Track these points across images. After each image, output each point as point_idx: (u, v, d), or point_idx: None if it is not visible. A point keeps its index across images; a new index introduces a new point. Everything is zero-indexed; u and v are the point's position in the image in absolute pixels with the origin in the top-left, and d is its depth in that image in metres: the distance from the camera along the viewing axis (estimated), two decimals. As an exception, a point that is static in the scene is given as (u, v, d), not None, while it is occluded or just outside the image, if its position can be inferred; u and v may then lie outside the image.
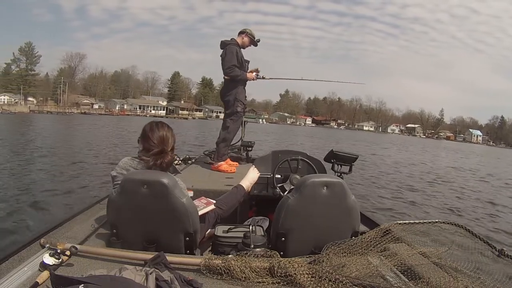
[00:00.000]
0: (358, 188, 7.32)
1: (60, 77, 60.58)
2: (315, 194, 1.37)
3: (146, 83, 76.75)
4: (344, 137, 36.43)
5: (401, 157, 17.98)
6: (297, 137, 27.60)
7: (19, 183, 5.63)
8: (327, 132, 51.23)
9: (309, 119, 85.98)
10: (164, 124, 1.50)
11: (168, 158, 1.41)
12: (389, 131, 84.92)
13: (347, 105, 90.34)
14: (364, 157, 13.52)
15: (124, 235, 1.36)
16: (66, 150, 10.69)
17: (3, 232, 3.50)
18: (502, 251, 1.32)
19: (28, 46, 57.72)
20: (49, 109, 52.19)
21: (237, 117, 3.17)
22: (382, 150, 21.23)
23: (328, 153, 2.33)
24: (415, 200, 6.85)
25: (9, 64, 57.70)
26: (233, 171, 3.06)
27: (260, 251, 1.30)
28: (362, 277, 1.08)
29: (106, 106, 62.15)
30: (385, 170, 11.17)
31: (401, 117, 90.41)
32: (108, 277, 0.93)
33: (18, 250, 1.21)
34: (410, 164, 14.35)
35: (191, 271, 1.15)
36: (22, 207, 4.41)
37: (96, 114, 52.80)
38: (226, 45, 3.11)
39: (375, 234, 1.41)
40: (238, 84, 3.16)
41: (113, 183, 1.47)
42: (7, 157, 8.22)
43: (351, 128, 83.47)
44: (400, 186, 8.28)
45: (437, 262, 1.22)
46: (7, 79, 55.67)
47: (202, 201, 1.66)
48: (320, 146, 18.46)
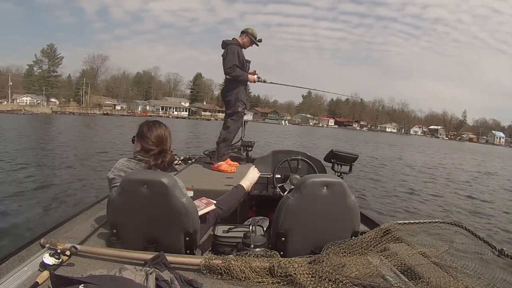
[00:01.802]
0: (373, 193, 7.17)
1: (82, 79, 61.29)
2: (315, 194, 1.37)
3: (168, 85, 77.31)
4: (368, 139, 35.26)
5: (426, 160, 17.39)
6: (320, 141, 25.90)
7: (20, 183, 5.63)
8: (350, 134, 50.03)
9: (332, 121, 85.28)
10: (161, 123, 1.49)
11: (169, 157, 1.41)
12: (412, 133, 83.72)
13: (370, 106, 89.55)
14: (392, 160, 13.13)
15: (124, 235, 1.36)
16: (80, 149, 10.75)
17: (3, 232, 3.50)
18: (502, 251, 1.32)
19: (50, 48, 58.58)
20: (71, 110, 52.95)
21: (238, 117, 3.18)
22: (409, 154, 20.38)
23: (328, 153, 2.33)
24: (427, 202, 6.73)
25: (32, 66, 58.83)
26: (233, 171, 3.06)
27: (260, 251, 1.30)
28: (362, 277, 1.08)
29: (128, 107, 63.00)
30: (414, 175, 10.73)
31: (423, 118, 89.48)
32: (108, 277, 0.93)
33: (18, 250, 1.21)
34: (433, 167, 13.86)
35: (191, 271, 1.15)
36: (22, 207, 4.41)
37: (118, 115, 52.97)
38: (228, 45, 3.11)
39: (375, 234, 1.41)
40: (239, 84, 3.17)
41: (110, 185, 1.46)
42: (12, 156, 8.21)
43: (373, 130, 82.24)
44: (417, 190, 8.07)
45: (437, 262, 1.22)
46: (30, 80, 56.64)
47: (202, 201, 1.66)
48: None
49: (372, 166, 11.80)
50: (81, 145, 12.15)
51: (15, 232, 3.52)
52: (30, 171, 6.72)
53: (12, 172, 6.51)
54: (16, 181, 5.77)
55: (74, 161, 8.41)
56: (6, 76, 55.46)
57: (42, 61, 58.14)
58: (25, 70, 59.56)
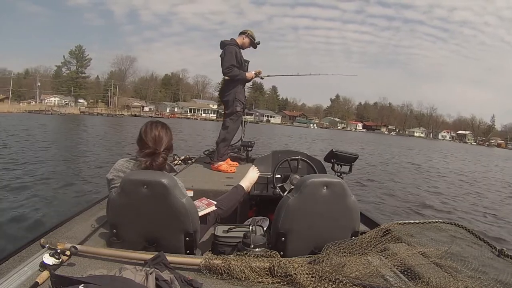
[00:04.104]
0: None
1: (111, 80, 61.77)
2: (315, 194, 1.37)
3: (196, 87, 77.67)
4: (403, 145, 33.31)
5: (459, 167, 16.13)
6: (355, 146, 23.88)
7: (20, 183, 5.63)
8: (379, 138, 48.59)
9: (360, 125, 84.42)
10: (159, 123, 1.47)
11: (160, 160, 1.37)
12: (440, 138, 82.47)
13: (398, 110, 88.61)
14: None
15: (124, 235, 1.36)
16: (96, 148, 10.71)
17: (3, 232, 3.49)
18: (502, 251, 1.32)
19: (78, 49, 59.18)
20: (99, 110, 53.08)
21: (236, 116, 3.18)
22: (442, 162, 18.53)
23: (328, 153, 2.33)
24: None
25: (60, 67, 59.65)
26: (233, 171, 3.06)
27: (260, 251, 1.30)
28: (362, 277, 1.08)
29: (156, 109, 63.29)
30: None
31: (451, 123, 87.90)
32: (108, 277, 0.93)
33: (18, 250, 1.21)
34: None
35: (191, 271, 1.15)
36: (22, 207, 4.41)
37: (147, 116, 52.49)
38: (225, 45, 3.12)
39: (375, 234, 1.41)
40: (238, 84, 3.18)
41: (109, 186, 1.46)
42: (15, 156, 8.19)
43: (401, 134, 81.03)
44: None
45: (437, 262, 1.22)
46: (58, 81, 57.48)
47: (203, 202, 1.66)
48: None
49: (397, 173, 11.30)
50: (99, 145, 12.10)
51: (15, 232, 3.51)
52: (31, 171, 6.71)
53: (12, 172, 6.51)
54: (17, 181, 5.76)
55: (88, 160, 8.38)
56: (34, 76, 56.51)
57: (70, 62, 59.29)
58: (54, 71, 60.95)
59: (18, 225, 3.75)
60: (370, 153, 18.03)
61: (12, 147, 9.61)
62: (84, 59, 59.46)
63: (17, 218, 3.97)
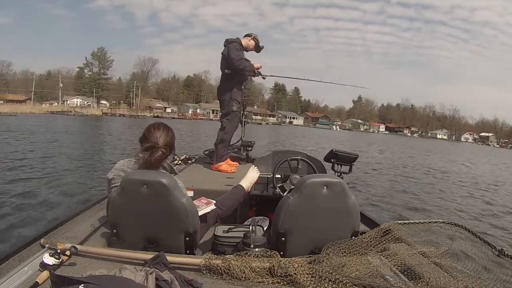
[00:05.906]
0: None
1: (133, 81, 62.08)
2: (315, 194, 1.37)
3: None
4: (433, 148, 32.23)
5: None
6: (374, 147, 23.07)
7: (21, 183, 5.63)
8: (402, 140, 47.50)
9: (383, 126, 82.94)
10: (162, 124, 1.48)
11: (158, 153, 1.37)
12: (463, 140, 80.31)
13: (420, 112, 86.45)
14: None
15: (124, 235, 1.36)
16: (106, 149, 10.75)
17: (3, 232, 3.49)
18: (502, 251, 1.32)
19: (100, 51, 59.60)
20: (121, 112, 53.28)
21: (232, 116, 3.14)
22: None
23: (328, 153, 2.33)
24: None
25: (82, 68, 59.88)
26: (233, 171, 3.06)
27: (260, 251, 1.30)
28: (362, 277, 1.08)
29: (179, 110, 63.41)
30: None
31: (474, 125, 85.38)
32: (108, 277, 0.93)
33: (18, 250, 1.21)
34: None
35: (191, 271, 1.15)
36: (22, 206, 4.41)
37: (169, 117, 52.33)
38: (229, 43, 3.09)
39: (375, 234, 1.41)
40: (234, 83, 3.14)
41: (109, 185, 1.46)
42: (19, 156, 8.18)
43: (424, 136, 79.01)
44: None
45: (437, 262, 1.22)
46: (80, 82, 57.87)
47: (202, 201, 1.66)
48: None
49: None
50: (113, 145, 12.13)
51: (15, 232, 3.52)
52: (35, 170, 6.71)
53: (13, 171, 6.51)
54: (17, 181, 5.76)
55: (95, 162, 8.39)
56: (56, 78, 57.19)
57: (93, 63, 59.81)
58: (76, 73, 61.46)
59: (18, 225, 3.76)
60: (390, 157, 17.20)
61: (17, 146, 9.66)
62: (106, 60, 59.99)
63: (17, 218, 3.98)
